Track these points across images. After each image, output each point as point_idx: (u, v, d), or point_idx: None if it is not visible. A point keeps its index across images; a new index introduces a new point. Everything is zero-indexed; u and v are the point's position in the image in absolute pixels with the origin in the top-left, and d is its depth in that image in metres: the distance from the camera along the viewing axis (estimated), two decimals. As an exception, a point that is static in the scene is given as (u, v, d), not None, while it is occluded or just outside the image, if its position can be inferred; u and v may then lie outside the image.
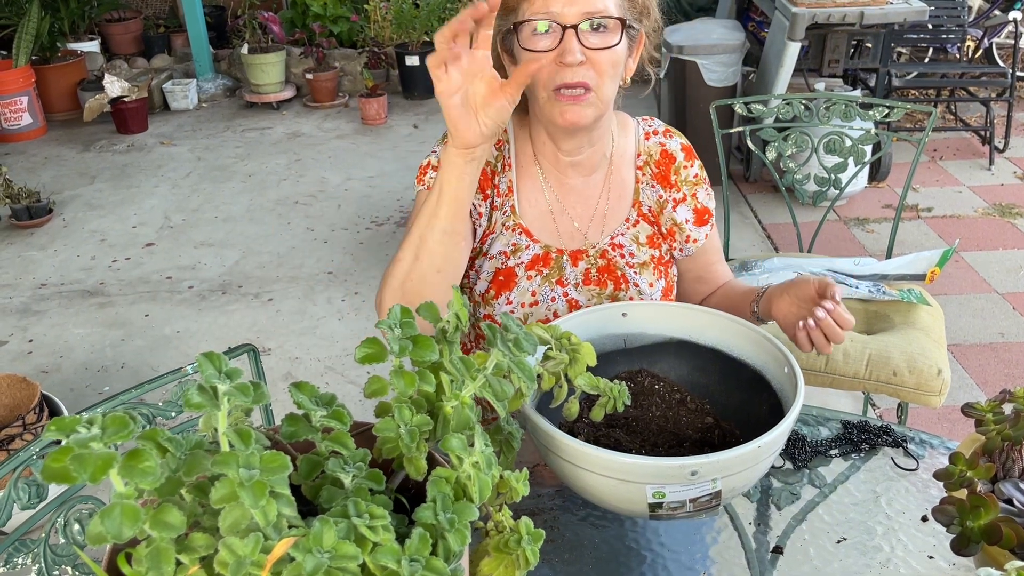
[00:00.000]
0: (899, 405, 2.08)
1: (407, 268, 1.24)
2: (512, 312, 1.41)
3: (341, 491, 0.73)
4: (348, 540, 0.61)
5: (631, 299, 1.44)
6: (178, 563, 0.62)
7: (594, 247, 1.44)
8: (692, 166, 1.47)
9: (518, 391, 0.92)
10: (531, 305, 1.42)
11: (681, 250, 1.50)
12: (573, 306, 1.43)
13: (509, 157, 1.43)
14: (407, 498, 0.82)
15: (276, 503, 0.61)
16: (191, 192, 4.66)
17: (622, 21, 1.25)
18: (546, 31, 1.24)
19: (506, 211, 1.42)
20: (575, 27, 1.22)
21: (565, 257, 1.43)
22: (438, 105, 1.17)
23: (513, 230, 1.42)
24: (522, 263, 1.42)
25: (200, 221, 4.31)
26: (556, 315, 1.42)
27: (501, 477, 0.90)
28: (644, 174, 1.46)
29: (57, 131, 5.62)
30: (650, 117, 1.51)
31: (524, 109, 1.42)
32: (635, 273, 1.45)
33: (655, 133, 1.47)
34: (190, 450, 0.67)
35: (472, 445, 0.79)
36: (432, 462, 0.83)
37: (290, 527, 0.64)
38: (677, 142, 1.48)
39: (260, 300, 3.57)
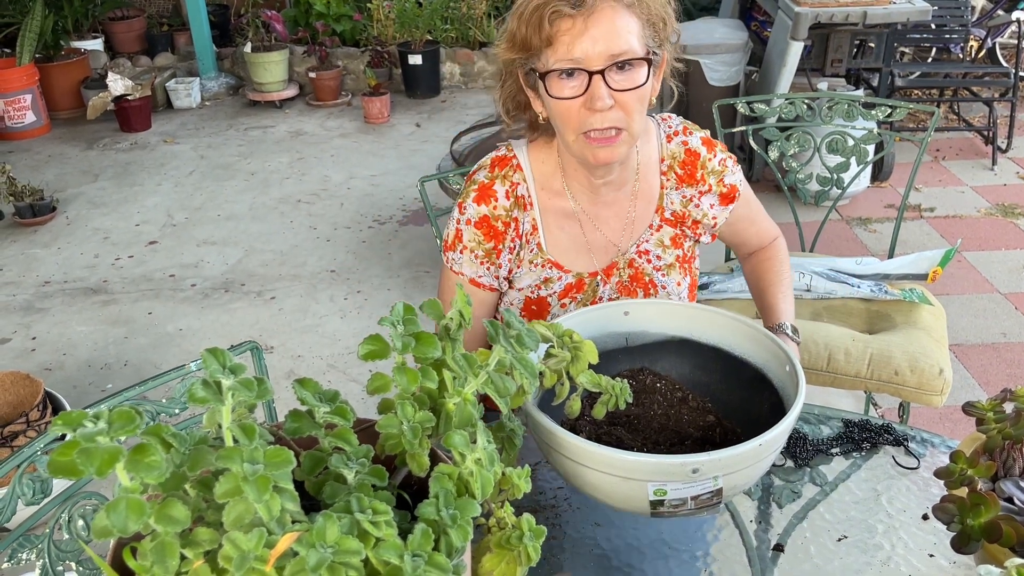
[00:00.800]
0: (901, 404, 2.08)
1: None
2: None
3: (344, 487, 0.74)
4: (351, 535, 0.62)
5: None
6: (182, 557, 0.62)
7: (624, 255, 1.46)
8: (715, 156, 1.46)
9: (520, 388, 0.93)
10: None
11: (705, 236, 1.51)
12: None
13: (530, 197, 1.42)
14: (409, 494, 0.83)
15: (280, 498, 0.62)
16: (194, 190, 4.66)
17: (648, 60, 1.24)
18: (571, 76, 1.23)
19: (532, 248, 1.43)
20: (601, 72, 1.22)
21: (598, 279, 1.45)
22: (440, 104, 1.17)
23: (542, 266, 1.43)
24: (554, 292, 1.44)
25: (203, 219, 4.32)
26: None
27: (503, 474, 0.91)
28: (668, 179, 1.45)
29: (61, 129, 5.63)
30: (668, 115, 1.50)
31: (542, 136, 1.42)
32: (662, 276, 1.47)
33: (676, 134, 1.46)
34: (194, 445, 0.68)
35: (474, 442, 0.79)
36: (434, 459, 0.83)
37: (293, 522, 0.64)
38: (697, 137, 1.47)
39: (263, 298, 3.58)
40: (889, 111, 2.25)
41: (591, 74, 1.22)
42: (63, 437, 1.16)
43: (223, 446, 0.68)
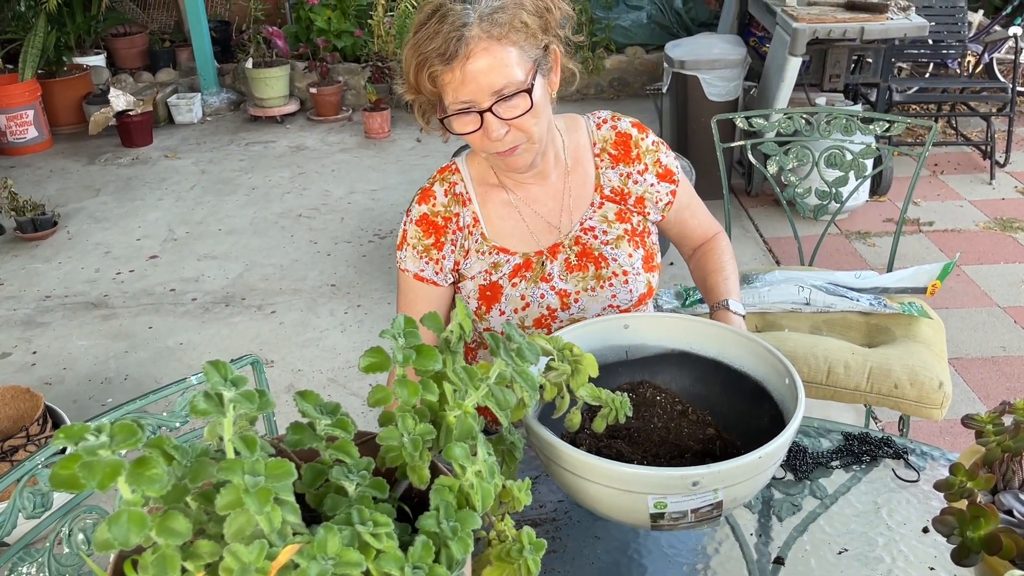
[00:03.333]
0: (900, 418, 2.08)
1: None
2: (508, 320, 1.49)
3: (345, 499, 0.74)
4: (352, 547, 0.62)
5: (614, 274, 1.50)
6: (183, 570, 0.62)
7: (567, 235, 1.51)
8: (647, 136, 1.54)
9: (521, 401, 0.93)
10: (523, 308, 1.49)
11: (655, 213, 1.57)
12: (563, 296, 1.49)
13: (467, 193, 1.51)
14: (410, 507, 0.83)
15: (281, 510, 0.62)
16: (195, 205, 4.68)
17: (529, 90, 1.30)
18: (466, 113, 1.32)
19: (477, 239, 1.51)
20: (490, 108, 1.30)
21: (544, 257, 1.51)
22: (441, 119, 1.20)
23: (488, 253, 1.50)
24: (504, 275, 1.50)
25: (204, 234, 4.33)
26: (550, 309, 1.49)
27: (504, 487, 0.91)
28: (602, 160, 1.53)
29: (62, 144, 5.65)
30: (597, 111, 1.58)
31: None
32: (611, 249, 1.51)
33: (604, 122, 1.55)
34: (196, 458, 0.68)
35: (475, 454, 0.79)
36: (435, 471, 0.84)
37: (294, 534, 0.64)
38: (627, 122, 1.55)
39: (263, 312, 3.58)
40: (887, 126, 2.26)
41: (481, 112, 1.31)
42: (64, 451, 1.17)
43: (224, 458, 0.68)
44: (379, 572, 0.63)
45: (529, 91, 1.31)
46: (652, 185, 1.54)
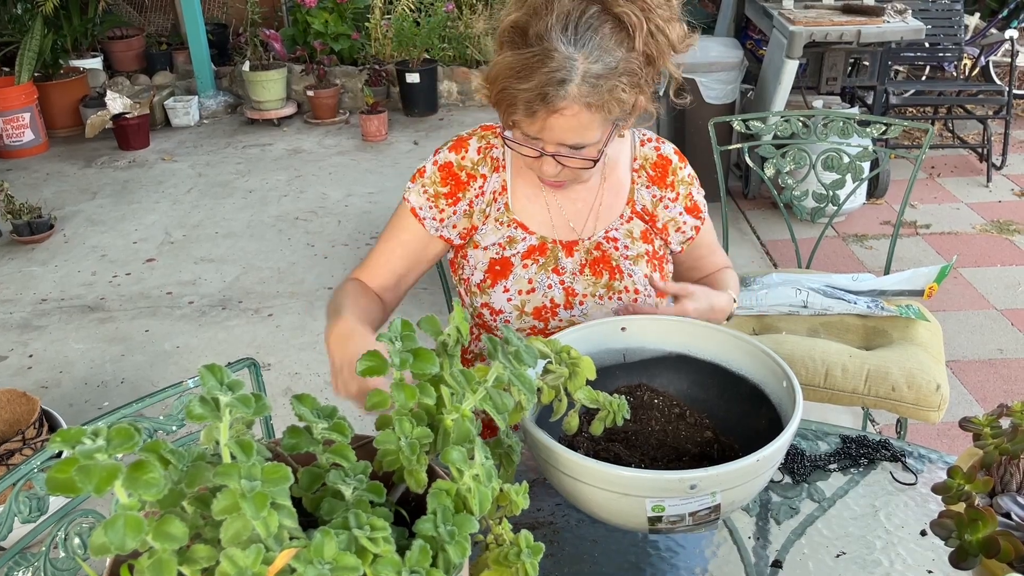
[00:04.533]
0: (898, 421, 2.08)
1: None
2: (509, 300, 1.46)
3: (342, 503, 0.73)
4: (349, 551, 0.62)
5: (626, 289, 1.48)
6: (180, 574, 0.62)
7: (588, 239, 1.49)
8: (685, 167, 1.54)
9: (518, 404, 0.93)
10: (528, 292, 1.46)
11: (676, 243, 1.55)
12: (570, 294, 1.47)
13: (504, 160, 1.47)
14: (407, 511, 0.82)
15: (277, 514, 0.62)
16: (192, 208, 4.67)
17: (599, 150, 1.31)
18: (529, 138, 1.30)
19: (500, 208, 1.47)
20: (553, 155, 1.29)
21: (559, 247, 1.48)
22: (438, 122, 1.20)
23: (508, 225, 1.47)
24: (518, 253, 1.47)
25: (201, 237, 4.33)
26: (553, 302, 1.47)
27: (501, 490, 0.91)
28: (640, 176, 1.51)
29: (59, 147, 5.64)
30: (645, 129, 1.56)
31: None
32: (630, 264, 1.48)
33: (649, 141, 1.53)
34: (192, 462, 0.68)
35: (472, 458, 0.79)
36: (432, 475, 0.83)
37: (291, 538, 0.64)
38: (670, 147, 1.54)
39: (260, 315, 3.58)
40: (884, 128, 2.26)
41: (543, 152, 1.30)
42: (60, 454, 1.16)
43: (221, 463, 0.68)
44: (376, 577, 0.62)
45: (599, 151, 1.31)
46: (680, 215, 1.52)
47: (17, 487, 1.06)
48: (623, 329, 1.25)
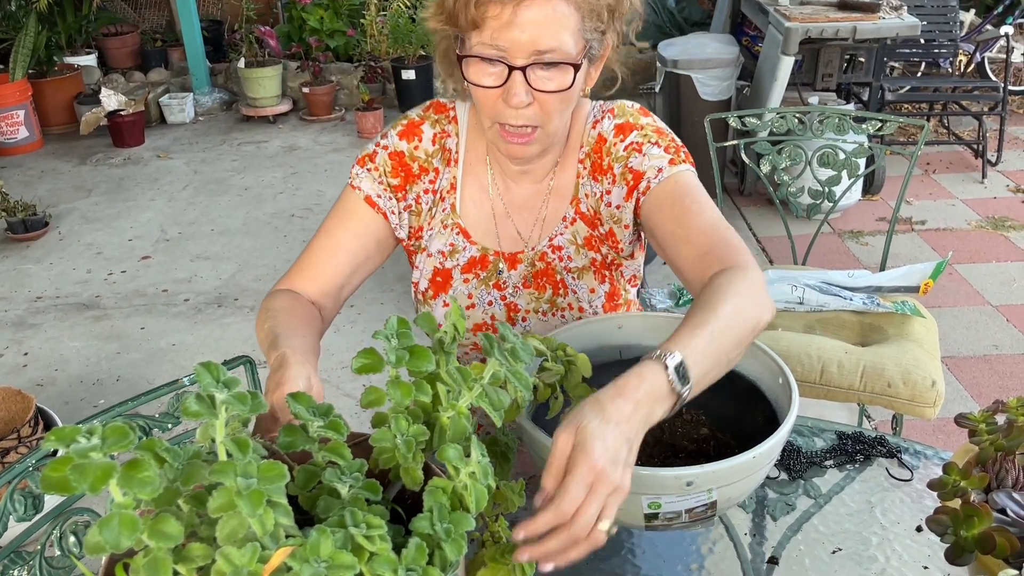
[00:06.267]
0: (894, 417, 2.09)
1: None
2: (447, 315, 1.34)
3: (338, 501, 0.73)
4: (345, 550, 0.62)
5: (569, 306, 1.37)
6: (175, 573, 0.62)
7: (532, 249, 1.35)
8: (625, 138, 1.28)
9: (514, 402, 0.93)
10: (468, 308, 1.36)
11: (625, 244, 1.34)
12: (511, 310, 1.37)
13: (456, 153, 1.34)
14: (404, 508, 0.82)
15: (273, 512, 0.62)
16: (187, 205, 4.66)
17: (575, 67, 1.14)
18: (492, 63, 1.14)
19: (446, 209, 1.35)
20: (523, 68, 1.13)
21: (502, 260, 1.36)
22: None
23: (452, 229, 1.35)
24: (458, 265, 1.36)
25: (196, 234, 4.32)
26: (493, 319, 1.37)
27: (497, 488, 0.91)
28: (585, 167, 1.32)
29: (53, 144, 5.63)
30: (608, 101, 1.34)
31: None
32: (573, 279, 1.35)
33: (601, 118, 1.31)
34: (188, 460, 0.68)
35: (468, 455, 0.79)
36: (429, 472, 0.83)
37: (287, 537, 0.64)
38: (610, 123, 1.30)
39: (256, 313, 3.57)
40: (880, 125, 2.26)
41: (511, 68, 1.12)
42: (55, 453, 1.16)
43: (216, 461, 0.68)
44: (372, 575, 0.62)
45: (575, 68, 1.14)
46: (618, 207, 1.29)
47: (12, 485, 1.05)
48: (619, 327, 1.25)
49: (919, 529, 1.10)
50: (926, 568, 1.05)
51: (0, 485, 1.04)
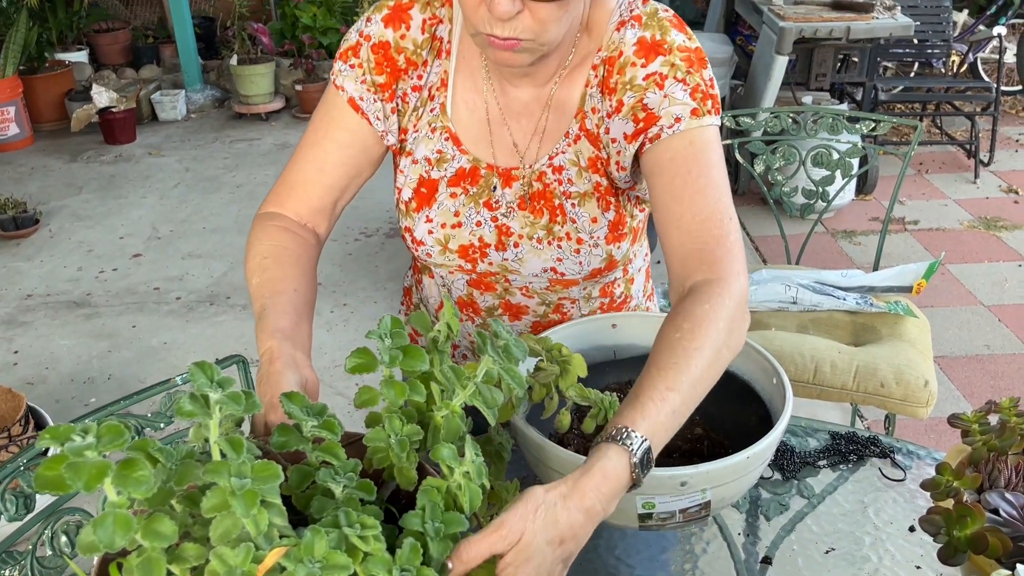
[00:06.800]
0: (886, 416, 2.09)
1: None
2: (431, 232, 1.20)
3: (332, 501, 0.73)
4: (339, 550, 0.61)
5: (567, 236, 1.18)
6: (169, 573, 0.62)
7: (530, 167, 1.17)
8: (649, 62, 1.07)
9: (509, 401, 0.93)
10: (453, 227, 1.20)
11: (621, 183, 1.17)
12: (503, 233, 1.19)
13: (449, 43, 1.15)
14: (398, 508, 0.82)
15: (267, 512, 0.61)
16: (179, 203, 4.64)
17: None
18: None
19: (435, 109, 1.17)
20: None
21: (495, 176, 1.18)
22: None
23: (440, 133, 1.18)
24: (445, 176, 1.19)
25: (188, 232, 4.30)
26: (482, 241, 1.20)
27: (492, 488, 0.91)
28: (597, 75, 1.12)
29: (44, 141, 5.60)
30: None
31: None
32: (573, 205, 1.17)
33: (627, 19, 1.10)
34: (181, 460, 0.67)
35: (462, 455, 0.79)
36: (422, 472, 0.83)
37: (281, 537, 0.64)
38: (634, 34, 1.08)
39: (248, 311, 3.56)
40: (873, 125, 2.27)
41: None
42: (46, 452, 1.15)
43: (210, 460, 0.68)
44: (367, 575, 0.62)
45: None
46: (615, 141, 1.11)
47: (3, 485, 1.05)
48: (614, 326, 1.25)
49: (912, 529, 1.11)
50: (919, 568, 1.05)
51: (-9, 484, 1.04)
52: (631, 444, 0.84)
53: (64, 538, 1.09)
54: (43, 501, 1.10)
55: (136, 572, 0.58)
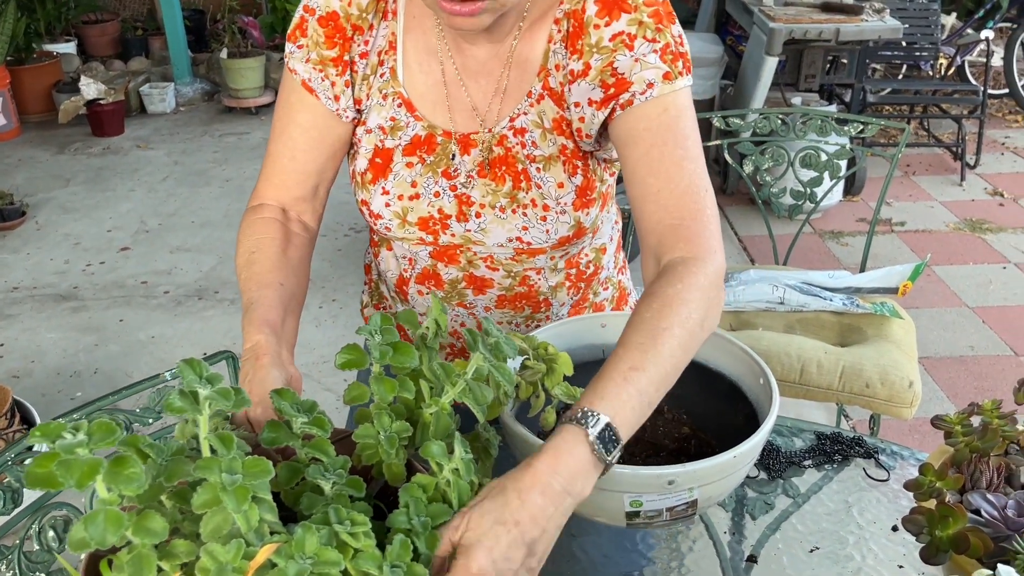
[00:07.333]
0: (871, 417, 2.11)
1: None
2: (388, 205, 1.16)
3: (321, 498, 0.73)
4: (330, 547, 0.62)
5: (532, 203, 1.14)
6: (159, 569, 0.62)
7: (490, 130, 1.13)
8: (613, 20, 1.03)
9: (496, 399, 0.93)
10: (411, 198, 1.15)
11: (586, 148, 1.12)
12: (463, 203, 1.15)
13: (395, 2, 1.10)
14: (386, 505, 0.82)
15: (258, 508, 0.62)
16: (167, 196, 4.62)
17: None
18: None
19: (384, 74, 1.12)
20: None
21: (453, 143, 1.13)
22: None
23: (392, 100, 1.13)
24: (400, 145, 1.14)
25: (177, 226, 4.29)
26: (442, 212, 1.16)
27: (480, 484, 0.91)
28: (560, 29, 1.07)
29: (31, 133, 5.56)
30: None
31: None
32: (537, 170, 1.12)
33: None
34: (171, 456, 0.68)
35: (452, 452, 0.80)
36: (411, 470, 0.84)
37: (272, 533, 0.64)
38: None
39: (237, 306, 3.55)
40: (861, 127, 2.28)
41: None
42: (31, 447, 1.14)
43: (199, 456, 0.68)
44: (357, 571, 0.62)
45: None
46: (577, 105, 1.07)
47: (-10, 479, 1.05)
48: (603, 326, 1.26)
49: (895, 529, 1.12)
50: (901, 567, 1.06)
51: (-22, 479, 1.03)
52: (586, 423, 0.82)
53: (52, 532, 1.09)
54: (30, 496, 1.10)
55: (127, 568, 0.58)
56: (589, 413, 0.83)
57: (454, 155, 1.14)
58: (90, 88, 5.35)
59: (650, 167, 1.02)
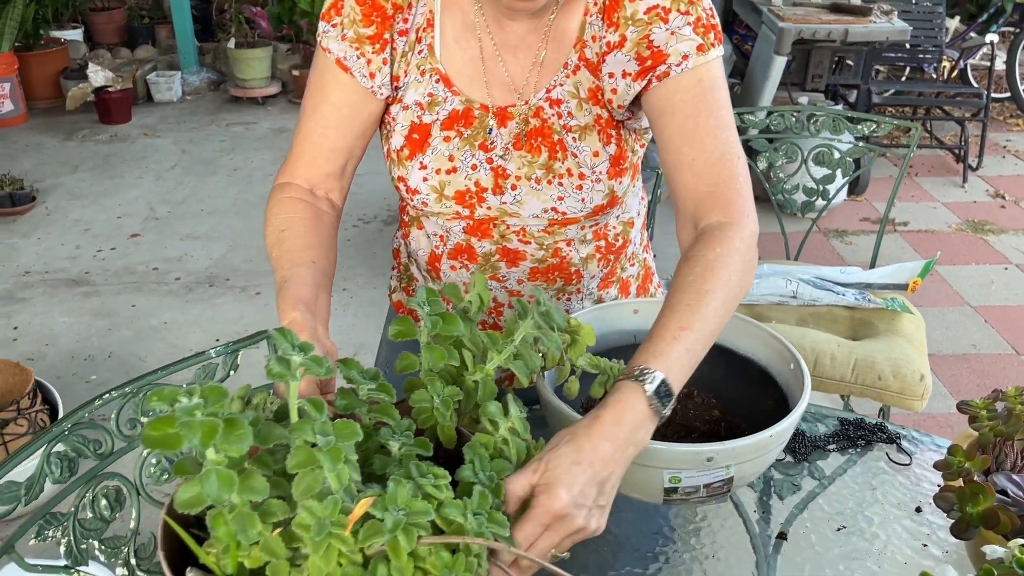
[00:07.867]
0: (881, 409, 2.16)
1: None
2: (425, 180, 1.18)
3: (391, 459, 0.77)
4: (417, 499, 0.66)
5: (568, 172, 1.16)
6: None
7: (526, 103, 1.16)
8: None
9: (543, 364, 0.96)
10: (448, 172, 1.17)
11: (619, 117, 1.16)
12: (499, 175, 1.17)
13: None
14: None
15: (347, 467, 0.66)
16: (176, 184, 4.65)
17: None
18: None
19: (423, 51, 1.15)
20: None
21: (490, 116, 1.16)
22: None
23: (430, 76, 1.16)
24: (438, 120, 1.16)
25: (186, 213, 4.31)
26: (479, 185, 1.18)
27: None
28: (596, 2, 1.11)
29: (38, 119, 5.57)
30: None
31: None
32: (574, 140, 1.15)
33: None
34: (252, 421, 0.71)
35: (507, 413, 0.83)
36: (460, 437, 0.88)
37: (358, 491, 0.68)
38: None
39: (247, 293, 3.58)
40: (873, 126, 2.33)
41: None
42: (69, 418, 1.16)
43: (280, 423, 0.72)
44: (443, 520, 0.66)
45: None
46: (611, 76, 1.11)
47: (49, 447, 1.08)
48: (635, 311, 1.30)
49: (919, 510, 1.16)
50: (925, 546, 1.11)
51: (38, 447, 1.07)
52: (644, 379, 0.89)
53: (104, 501, 1.13)
54: (85, 465, 1.13)
55: (231, 525, 0.61)
56: (646, 370, 0.90)
57: (491, 128, 1.16)
58: (98, 75, 5.37)
59: (685, 137, 1.06)
